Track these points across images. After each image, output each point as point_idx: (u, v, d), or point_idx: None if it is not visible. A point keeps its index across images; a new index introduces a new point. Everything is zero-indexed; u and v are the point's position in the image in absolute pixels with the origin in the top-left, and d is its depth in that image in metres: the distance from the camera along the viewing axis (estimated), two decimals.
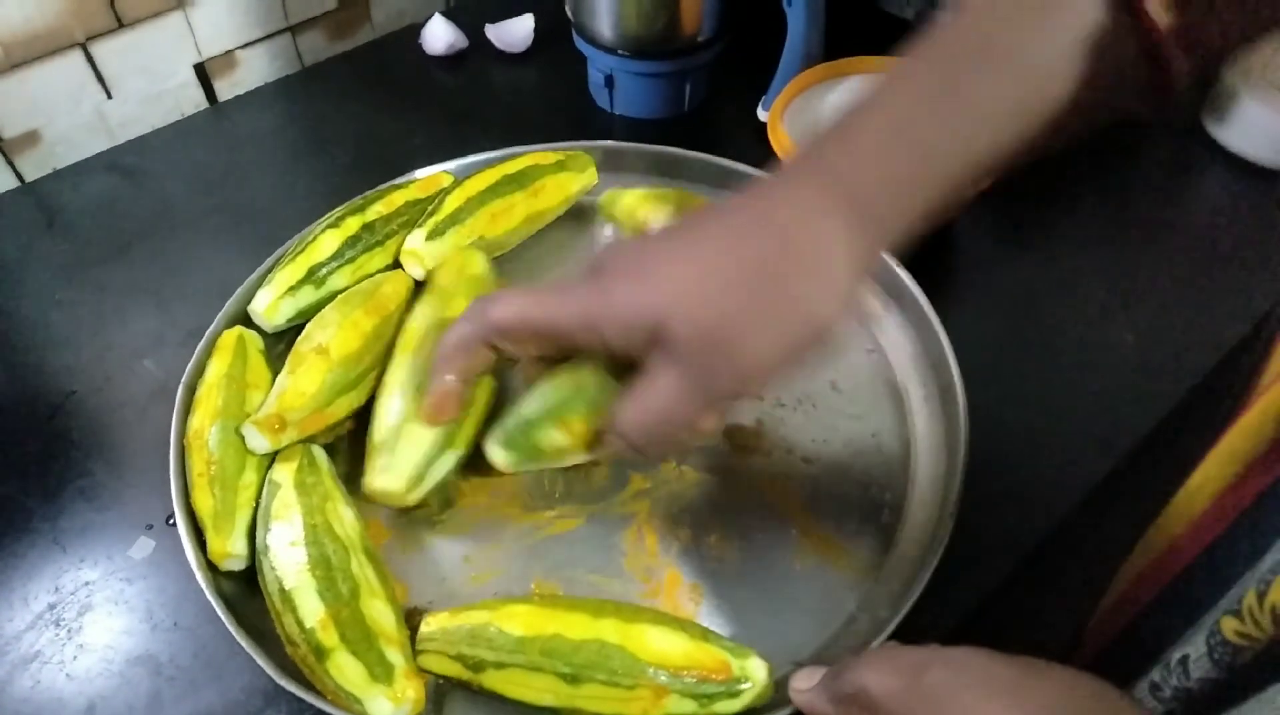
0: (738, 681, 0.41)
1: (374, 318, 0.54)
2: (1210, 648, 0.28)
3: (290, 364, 0.52)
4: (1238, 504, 0.31)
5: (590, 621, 0.42)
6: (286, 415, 0.49)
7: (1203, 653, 0.29)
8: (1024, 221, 0.68)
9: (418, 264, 0.58)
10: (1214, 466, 0.32)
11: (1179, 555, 0.34)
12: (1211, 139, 0.72)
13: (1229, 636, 0.28)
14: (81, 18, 0.68)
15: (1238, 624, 0.27)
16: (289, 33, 0.79)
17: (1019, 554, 0.50)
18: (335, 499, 0.48)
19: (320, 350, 0.51)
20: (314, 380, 0.50)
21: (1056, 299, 0.62)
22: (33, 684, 0.46)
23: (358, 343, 0.52)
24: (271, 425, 0.48)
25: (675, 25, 0.70)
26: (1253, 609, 0.27)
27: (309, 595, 0.43)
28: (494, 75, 0.81)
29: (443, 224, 0.58)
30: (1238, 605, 0.27)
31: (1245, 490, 0.31)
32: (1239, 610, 0.27)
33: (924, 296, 0.56)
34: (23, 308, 0.63)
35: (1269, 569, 0.26)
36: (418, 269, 0.59)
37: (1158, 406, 0.56)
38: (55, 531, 0.52)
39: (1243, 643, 0.27)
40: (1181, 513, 0.34)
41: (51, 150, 0.72)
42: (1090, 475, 0.53)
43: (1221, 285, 0.62)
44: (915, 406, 0.55)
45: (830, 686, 0.35)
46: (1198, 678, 0.29)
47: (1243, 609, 0.27)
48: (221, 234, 0.68)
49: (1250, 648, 0.27)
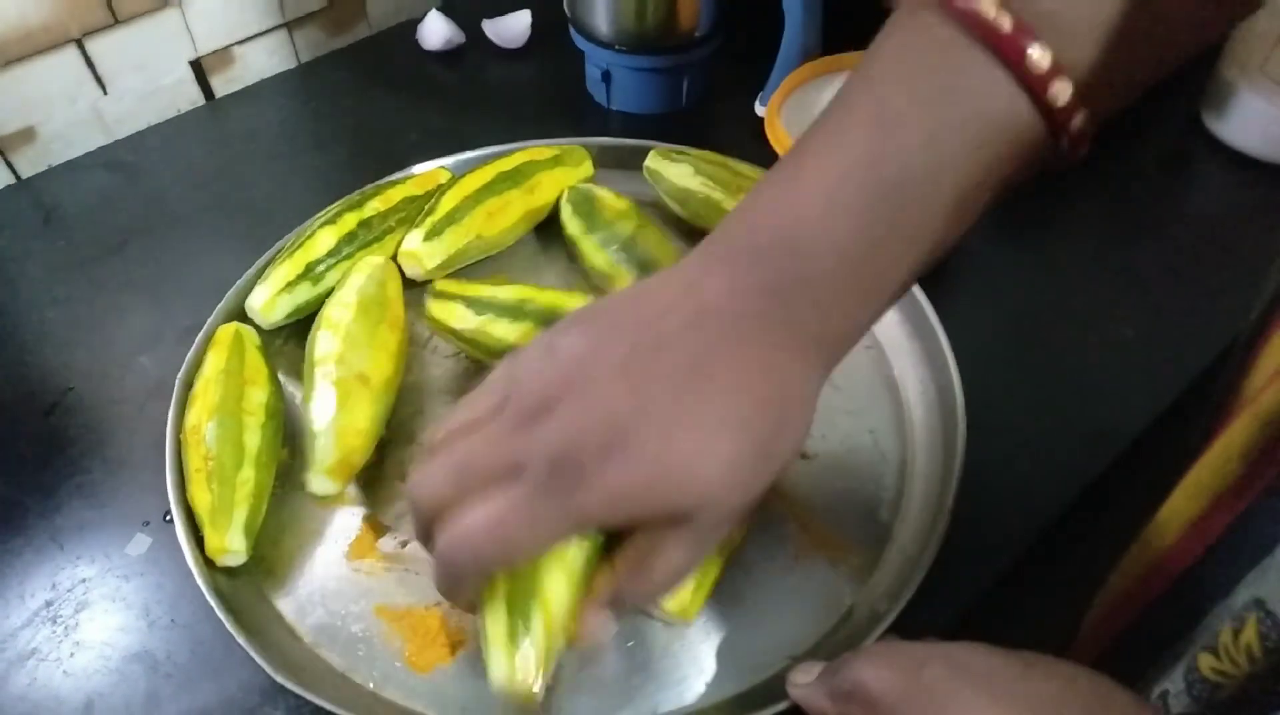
0: None
1: (396, 332, 0.54)
2: (1189, 684, 0.28)
3: (338, 393, 0.49)
4: (1205, 537, 0.31)
5: None
6: (352, 458, 0.49)
7: (1181, 689, 0.29)
8: (1020, 218, 0.68)
9: (417, 265, 0.58)
10: (1181, 500, 0.32)
11: (1150, 586, 0.34)
12: (1209, 133, 0.72)
13: (1206, 674, 0.28)
14: (77, 14, 0.67)
15: (1214, 661, 0.27)
16: (285, 28, 0.79)
17: (1016, 550, 0.50)
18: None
19: (362, 379, 0.50)
20: (365, 414, 0.50)
21: (1054, 295, 0.62)
22: (29, 681, 0.46)
23: (390, 365, 0.52)
24: (343, 472, 0.48)
25: (672, 20, 0.70)
26: (1228, 647, 0.26)
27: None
28: (491, 71, 0.81)
29: (440, 224, 0.58)
30: (1214, 642, 0.27)
31: (1213, 523, 0.31)
32: (1215, 647, 0.27)
33: (922, 293, 0.56)
34: (19, 305, 0.63)
35: (1243, 606, 0.26)
36: (416, 270, 0.59)
37: (1157, 402, 0.56)
38: (52, 529, 0.52)
39: (1220, 680, 0.27)
40: (1152, 543, 0.34)
41: (47, 147, 0.72)
42: (1088, 472, 0.53)
43: (1220, 280, 0.62)
44: (913, 403, 0.55)
45: (828, 683, 0.35)
46: (1178, 713, 0.29)
47: (1219, 646, 0.27)
48: (218, 230, 0.68)
49: (1226, 685, 0.27)
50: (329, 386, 0.50)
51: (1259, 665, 0.26)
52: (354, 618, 0.47)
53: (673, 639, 0.46)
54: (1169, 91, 0.76)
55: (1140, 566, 0.35)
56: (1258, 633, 0.26)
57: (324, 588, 0.48)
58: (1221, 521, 0.30)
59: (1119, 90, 0.35)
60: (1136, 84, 0.36)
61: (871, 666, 0.32)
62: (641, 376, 0.34)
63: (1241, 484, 0.30)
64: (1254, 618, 0.26)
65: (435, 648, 0.46)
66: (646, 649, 0.46)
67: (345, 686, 0.45)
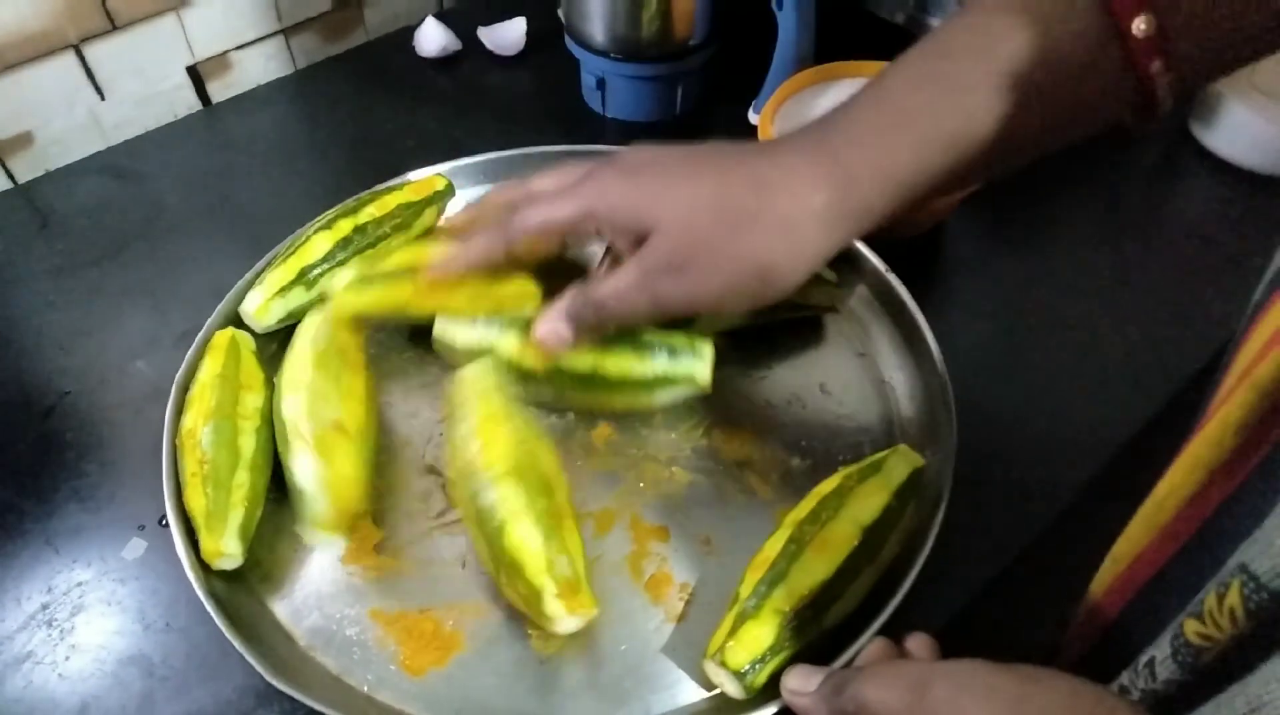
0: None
1: (360, 375, 0.53)
2: (1174, 650, 0.29)
3: (317, 448, 0.48)
4: (1200, 514, 0.31)
5: None
6: (347, 507, 0.48)
7: (1167, 654, 0.29)
8: (1011, 226, 0.68)
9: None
10: (1178, 476, 0.32)
11: (1145, 565, 0.34)
12: (1198, 143, 0.72)
13: (1191, 638, 0.28)
14: (74, 19, 0.68)
15: (1199, 625, 0.27)
16: (282, 35, 0.79)
17: (1007, 554, 0.50)
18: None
19: (339, 428, 0.49)
20: (350, 462, 0.49)
21: (1044, 302, 0.63)
22: (25, 684, 0.46)
23: (362, 410, 0.51)
24: (341, 523, 0.48)
25: (667, 29, 0.70)
26: (1213, 610, 0.27)
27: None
28: (487, 78, 0.82)
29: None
30: (1199, 607, 0.28)
31: (1208, 499, 0.31)
32: (1200, 612, 0.27)
33: (912, 300, 0.57)
34: (16, 309, 0.64)
35: (1229, 571, 0.27)
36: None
37: (1145, 409, 0.56)
38: (48, 532, 0.52)
39: (1203, 644, 0.28)
40: (1149, 521, 0.34)
41: (45, 152, 0.72)
42: (1078, 477, 0.53)
43: (1209, 289, 0.63)
44: (904, 408, 0.55)
45: (830, 700, 0.35)
46: (1163, 679, 0.29)
47: (1203, 610, 0.27)
48: (215, 236, 0.68)
49: (1211, 648, 0.27)
50: (307, 444, 0.48)
51: (1242, 627, 0.26)
52: (349, 621, 0.47)
53: (665, 642, 0.47)
54: None
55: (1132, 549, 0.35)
56: (1241, 595, 0.26)
57: (319, 591, 0.48)
58: (1215, 498, 0.31)
59: (1209, 57, 0.38)
60: (1230, 57, 0.38)
61: (874, 687, 0.33)
62: (687, 151, 0.45)
63: (1235, 458, 0.30)
64: (1238, 581, 0.26)
65: (429, 651, 0.46)
66: (639, 652, 0.46)
67: (340, 689, 0.45)
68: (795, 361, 0.58)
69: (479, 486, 0.46)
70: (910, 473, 0.48)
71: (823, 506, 0.46)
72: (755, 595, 0.44)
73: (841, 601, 0.44)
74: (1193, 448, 0.31)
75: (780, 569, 0.44)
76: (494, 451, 0.47)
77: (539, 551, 0.44)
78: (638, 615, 0.47)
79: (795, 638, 0.43)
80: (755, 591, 0.44)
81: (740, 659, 0.42)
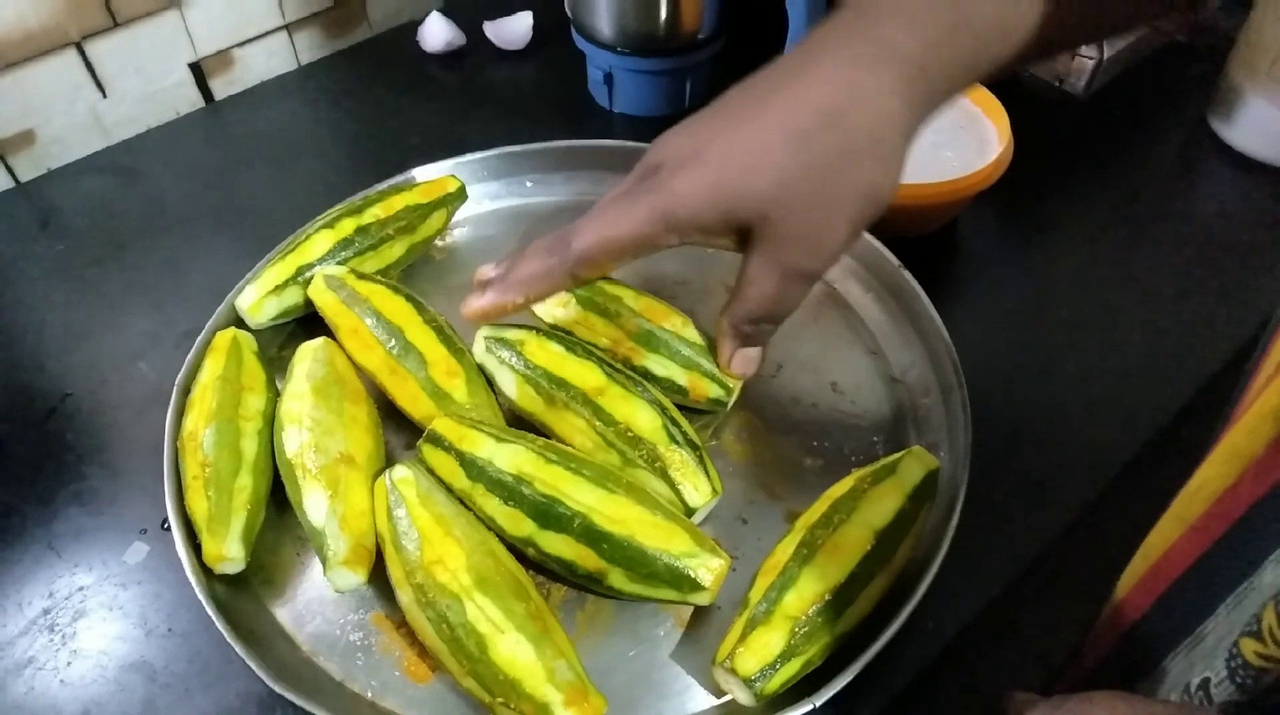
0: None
1: (362, 404, 0.51)
2: (1231, 671, 0.27)
3: (326, 483, 0.46)
4: (1231, 512, 0.30)
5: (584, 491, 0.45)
6: (365, 541, 0.46)
7: (1224, 676, 0.28)
8: (1027, 221, 0.67)
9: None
10: (1213, 467, 0.31)
11: (1176, 561, 0.33)
12: (1217, 137, 0.71)
13: (1250, 659, 0.27)
14: (76, 17, 0.67)
15: (1258, 646, 0.26)
16: (285, 31, 0.79)
17: (1024, 557, 0.49)
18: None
19: (347, 460, 0.48)
20: (361, 495, 0.47)
21: (1060, 299, 0.62)
22: (27, 690, 0.46)
23: (369, 439, 0.50)
24: (361, 558, 0.45)
25: (675, 22, 0.69)
26: (1273, 629, 0.26)
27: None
28: (492, 73, 0.81)
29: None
30: (1256, 626, 0.26)
31: (1240, 495, 0.30)
32: (1258, 631, 0.26)
33: (926, 297, 0.56)
34: (16, 309, 0.63)
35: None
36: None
37: (1165, 407, 0.55)
38: (49, 536, 0.51)
39: (1265, 665, 0.26)
40: (1180, 516, 0.33)
41: (46, 150, 0.71)
42: (1097, 477, 0.52)
43: (1228, 284, 0.62)
44: (917, 407, 0.54)
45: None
46: (1221, 701, 0.28)
47: (1262, 630, 0.26)
48: (217, 234, 0.67)
49: (1273, 670, 0.26)
50: (315, 479, 0.47)
51: None
52: (352, 627, 0.47)
53: (674, 648, 0.46)
54: (1177, 95, 0.75)
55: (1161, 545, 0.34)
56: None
57: (322, 596, 0.48)
58: (1248, 495, 0.30)
59: None
60: None
61: None
62: (728, 107, 0.41)
63: (1270, 451, 0.29)
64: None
65: (433, 657, 0.45)
66: (648, 658, 0.46)
67: (343, 695, 0.44)
68: (806, 360, 0.57)
69: (445, 606, 0.42)
70: (925, 475, 0.47)
71: (835, 510, 0.45)
72: (766, 600, 0.43)
73: (854, 607, 0.43)
74: (1229, 438, 0.30)
75: (791, 574, 0.43)
76: (454, 563, 0.43)
77: (533, 662, 0.41)
78: (646, 621, 0.47)
79: (806, 644, 0.42)
80: (766, 597, 0.43)
81: (750, 666, 0.41)
